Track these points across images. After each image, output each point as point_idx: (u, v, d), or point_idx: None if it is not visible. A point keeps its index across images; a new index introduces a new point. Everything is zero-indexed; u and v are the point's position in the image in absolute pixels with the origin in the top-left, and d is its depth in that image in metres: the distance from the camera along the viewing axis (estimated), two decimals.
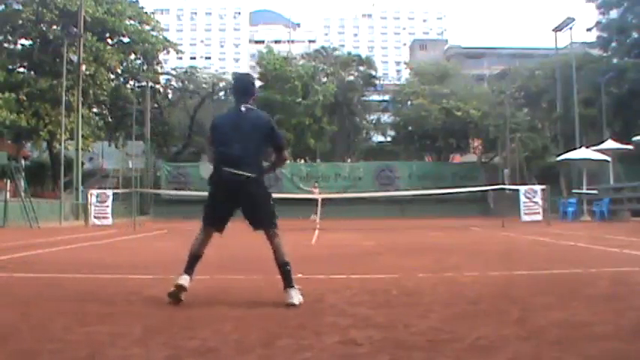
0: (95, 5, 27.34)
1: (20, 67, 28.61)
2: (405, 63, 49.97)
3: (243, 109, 3.87)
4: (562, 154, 22.46)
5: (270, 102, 30.92)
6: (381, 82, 39.91)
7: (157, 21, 33.37)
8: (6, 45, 28.16)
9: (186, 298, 3.65)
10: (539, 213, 16.45)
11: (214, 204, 3.92)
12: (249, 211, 3.90)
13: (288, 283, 3.64)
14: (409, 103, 34.19)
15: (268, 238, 3.86)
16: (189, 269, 3.73)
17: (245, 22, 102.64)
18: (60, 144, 24.43)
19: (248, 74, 4.52)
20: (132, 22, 30.39)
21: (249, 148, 3.77)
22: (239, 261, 6.78)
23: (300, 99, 30.61)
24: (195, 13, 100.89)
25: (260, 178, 3.84)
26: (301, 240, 10.95)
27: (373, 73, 36.31)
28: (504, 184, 23.15)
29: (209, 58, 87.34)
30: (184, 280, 3.64)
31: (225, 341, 2.63)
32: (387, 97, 37.90)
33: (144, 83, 31.58)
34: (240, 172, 3.71)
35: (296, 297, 3.58)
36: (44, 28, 27.17)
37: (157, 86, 33.68)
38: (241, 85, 4.08)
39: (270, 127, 3.91)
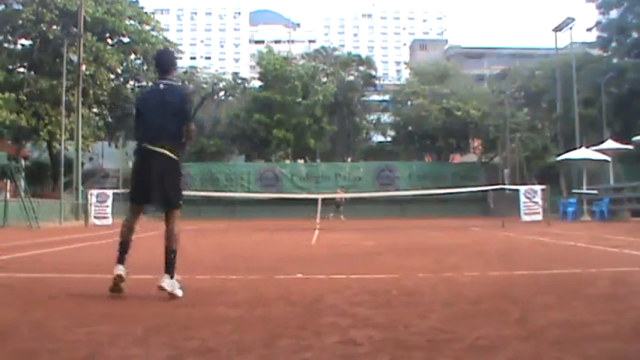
0: (95, 5, 27.36)
1: (20, 67, 28.61)
2: (405, 63, 50.03)
3: (161, 85, 4.02)
4: (562, 154, 22.46)
5: (270, 102, 30.96)
6: (381, 82, 39.95)
7: (157, 21, 33.38)
8: (6, 45, 28.16)
9: (186, 298, 3.65)
10: (539, 213, 16.45)
11: (136, 178, 4.00)
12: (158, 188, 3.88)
13: (167, 270, 3.72)
14: (409, 103, 34.22)
15: (166, 220, 3.90)
16: (121, 259, 3.89)
17: (245, 22, 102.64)
18: (60, 144, 24.43)
19: (167, 49, 4.84)
20: (132, 22, 30.40)
21: (165, 124, 3.86)
22: (239, 261, 6.77)
23: (300, 99, 30.64)
24: (195, 13, 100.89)
25: (175, 155, 3.86)
26: (301, 240, 10.95)
27: (373, 73, 36.35)
28: (504, 184, 23.16)
29: (209, 58, 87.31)
30: (120, 269, 3.82)
31: (225, 341, 2.63)
32: (387, 97, 37.92)
33: (144, 83, 31.58)
34: (156, 148, 3.80)
35: (167, 283, 3.65)
36: (44, 28, 27.16)
37: None
38: (159, 60, 4.20)
39: (182, 98, 4.02)
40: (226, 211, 27.05)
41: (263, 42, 71.40)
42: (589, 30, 29.54)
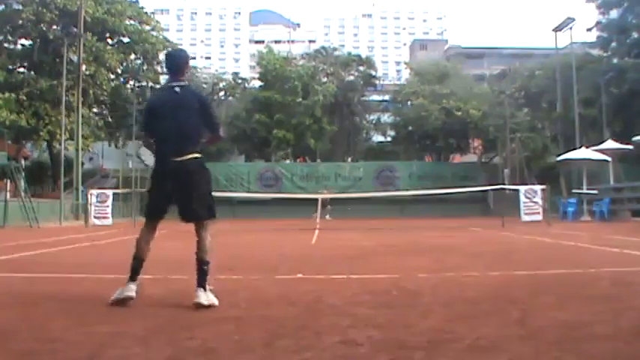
0: (95, 5, 27.38)
1: (20, 67, 28.64)
2: (405, 63, 49.94)
3: (177, 89, 3.72)
4: (562, 154, 22.45)
5: (270, 102, 30.94)
6: (381, 82, 39.90)
7: (157, 21, 33.42)
8: (6, 45, 28.19)
9: (186, 298, 3.65)
10: (539, 213, 16.44)
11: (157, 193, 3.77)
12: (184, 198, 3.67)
13: (201, 283, 3.52)
14: (409, 103, 34.17)
15: (197, 230, 3.67)
16: (134, 275, 3.64)
17: (245, 22, 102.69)
18: (60, 144, 24.44)
19: (181, 50, 4.21)
20: (132, 22, 30.44)
21: (189, 130, 3.65)
22: (239, 261, 6.77)
23: (300, 99, 30.60)
24: (195, 13, 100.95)
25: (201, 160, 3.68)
26: (301, 240, 10.96)
27: (373, 73, 36.28)
28: (504, 184, 23.14)
29: (209, 58, 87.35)
30: (131, 290, 3.56)
31: (225, 341, 2.63)
32: (387, 97, 37.87)
33: (144, 83, 31.59)
34: (182, 158, 3.58)
35: (204, 298, 3.44)
36: (44, 28, 27.19)
37: (157, 86, 33.69)
38: (172, 62, 3.88)
39: (203, 104, 3.79)
40: (226, 211, 26.94)
41: (263, 42, 71.34)
42: (589, 30, 29.49)
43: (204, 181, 3.71)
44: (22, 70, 28.40)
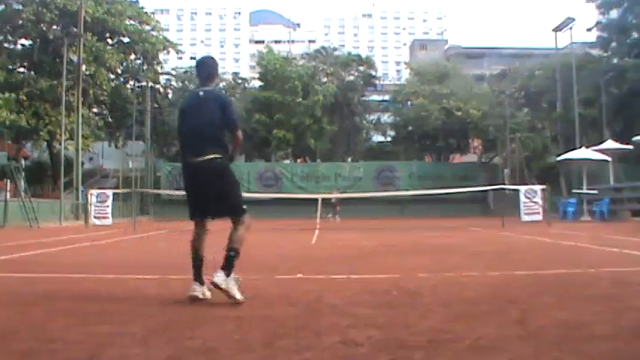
0: (95, 5, 27.38)
1: (20, 67, 28.65)
2: (405, 63, 49.91)
3: (201, 93, 3.85)
4: (562, 154, 22.45)
5: (270, 102, 30.95)
6: (381, 82, 39.92)
7: (157, 21, 33.42)
8: (6, 45, 28.19)
9: (186, 297, 3.65)
10: (539, 213, 16.43)
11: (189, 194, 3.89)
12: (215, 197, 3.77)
13: (224, 266, 3.58)
14: (409, 103, 34.19)
15: (233, 224, 3.79)
16: (197, 275, 3.71)
17: (245, 22, 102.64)
18: (60, 144, 24.45)
19: (210, 57, 4.31)
20: (132, 22, 30.45)
21: (209, 132, 3.73)
22: (239, 261, 6.76)
23: (300, 99, 30.62)
24: (195, 13, 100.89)
25: (224, 159, 3.77)
26: (301, 240, 10.96)
27: (373, 73, 36.30)
28: (504, 184, 23.14)
29: None
30: (196, 290, 3.64)
31: (225, 341, 2.63)
32: (387, 97, 37.89)
33: (144, 83, 31.60)
34: (203, 158, 3.68)
35: (221, 278, 3.48)
36: (44, 28, 27.20)
37: (157, 86, 33.72)
38: (201, 68, 3.98)
39: (223, 105, 3.85)
40: None
41: (263, 42, 71.28)
42: (589, 30, 29.49)
43: (225, 179, 3.78)
44: (22, 70, 28.40)
